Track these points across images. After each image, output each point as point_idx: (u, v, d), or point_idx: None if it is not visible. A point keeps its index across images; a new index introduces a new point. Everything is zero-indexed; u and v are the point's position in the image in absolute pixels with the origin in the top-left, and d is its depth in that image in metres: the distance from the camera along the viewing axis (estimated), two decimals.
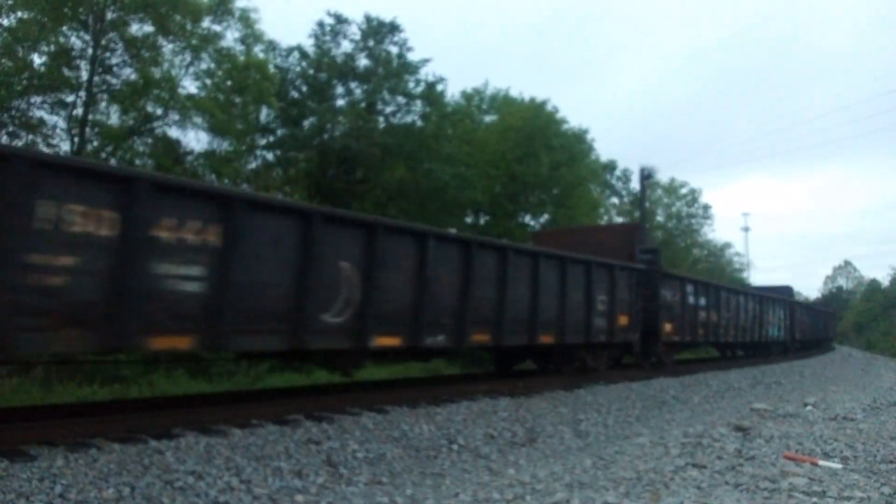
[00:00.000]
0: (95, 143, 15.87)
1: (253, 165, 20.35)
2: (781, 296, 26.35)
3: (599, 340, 12.70)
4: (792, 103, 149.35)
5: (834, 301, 70.02)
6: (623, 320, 13.38)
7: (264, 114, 20.01)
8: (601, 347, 13.31)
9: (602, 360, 13.60)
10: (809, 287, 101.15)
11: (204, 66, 17.14)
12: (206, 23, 16.76)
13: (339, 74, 20.72)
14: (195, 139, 23.41)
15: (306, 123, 20.46)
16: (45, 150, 14.90)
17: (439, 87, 21.87)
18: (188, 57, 16.79)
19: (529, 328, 10.67)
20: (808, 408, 9.97)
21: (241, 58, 17.63)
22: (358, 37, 21.01)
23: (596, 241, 15.00)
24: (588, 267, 12.25)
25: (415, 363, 13.38)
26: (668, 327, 15.42)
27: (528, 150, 23.98)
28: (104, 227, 5.53)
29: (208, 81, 17.39)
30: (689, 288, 16.71)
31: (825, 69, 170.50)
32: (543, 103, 26.59)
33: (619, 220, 38.66)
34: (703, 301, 17.39)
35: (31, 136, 15.10)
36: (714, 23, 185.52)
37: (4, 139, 14.42)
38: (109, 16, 15.29)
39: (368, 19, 20.93)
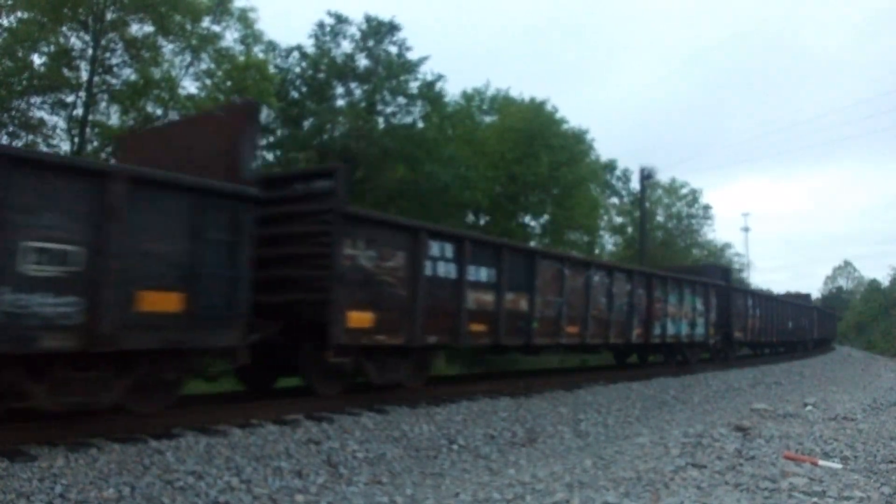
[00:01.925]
0: (95, 144, 15.88)
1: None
2: (700, 278, 17.96)
3: (39, 347, 5.39)
4: (792, 103, 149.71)
5: (834, 301, 70.12)
6: (167, 301, 6.19)
7: (264, 114, 20.00)
8: (67, 362, 5.83)
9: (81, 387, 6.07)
10: (810, 287, 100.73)
11: (204, 66, 17.16)
12: (205, 23, 16.78)
13: (339, 74, 20.72)
14: None
15: (306, 124, 20.46)
16: (46, 150, 14.93)
17: (439, 85, 21.89)
18: (188, 57, 16.80)
19: None
20: (808, 408, 9.99)
21: (241, 58, 17.63)
22: (358, 37, 21.03)
23: (188, 145, 7.66)
24: None
25: None
26: (357, 318, 8.11)
27: (528, 150, 24.00)
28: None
29: (208, 81, 17.39)
30: (438, 248, 9.27)
31: (825, 69, 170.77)
32: (543, 103, 26.65)
33: (619, 220, 38.47)
34: (483, 275, 10.03)
35: (31, 137, 15.11)
36: (714, 23, 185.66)
37: (4, 139, 14.42)
38: (109, 16, 15.30)
39: (368, 19, 20.94)
